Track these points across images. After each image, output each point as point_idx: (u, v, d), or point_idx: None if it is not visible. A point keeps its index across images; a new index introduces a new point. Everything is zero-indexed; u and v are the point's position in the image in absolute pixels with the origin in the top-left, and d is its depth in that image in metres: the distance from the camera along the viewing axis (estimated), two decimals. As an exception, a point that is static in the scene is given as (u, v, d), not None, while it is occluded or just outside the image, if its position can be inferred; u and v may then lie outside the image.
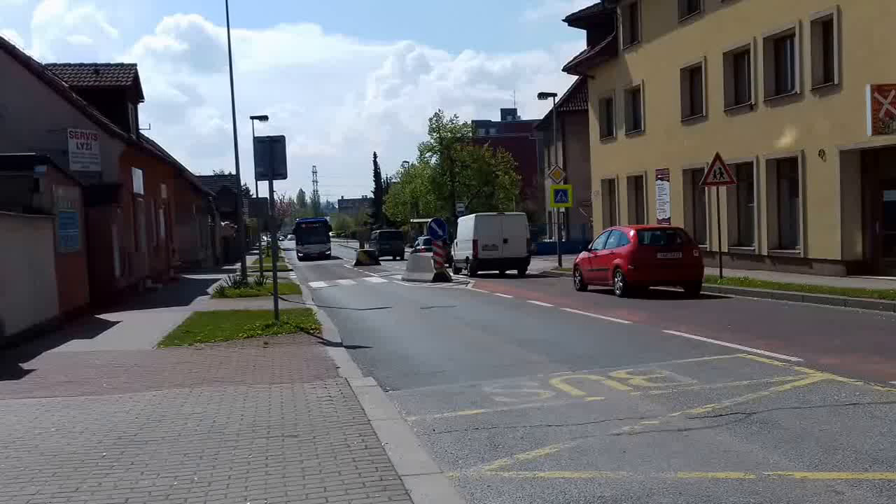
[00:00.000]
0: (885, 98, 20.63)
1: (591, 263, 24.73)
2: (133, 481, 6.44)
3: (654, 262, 22.21)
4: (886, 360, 11.00)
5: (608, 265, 23.23)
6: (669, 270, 22.29)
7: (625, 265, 22.28)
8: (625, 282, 22.27)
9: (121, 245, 25.01)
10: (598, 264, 24.05)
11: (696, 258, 22.42)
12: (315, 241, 71.60)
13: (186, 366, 12.14)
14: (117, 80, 31.08)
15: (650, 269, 22.12)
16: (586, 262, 25.14)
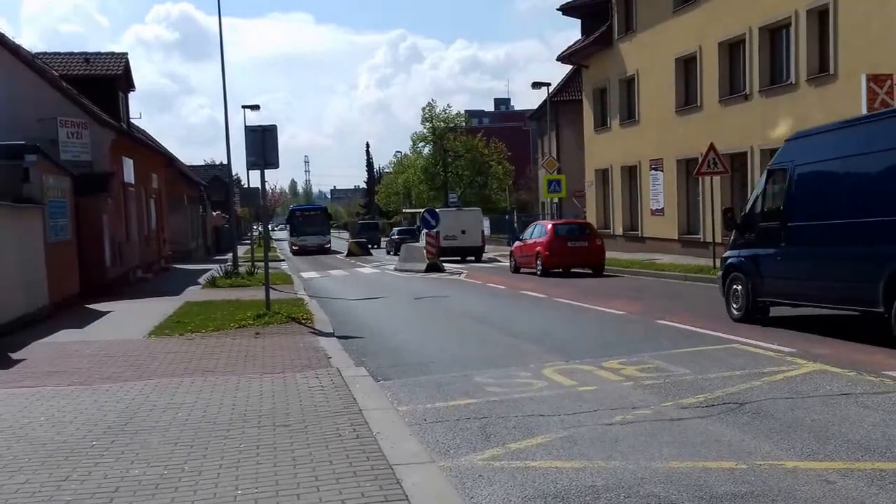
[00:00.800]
0: (881, 88, 20.59)
1: (521, 251, 30.11)
2: (123, 471, 6.40)
3: (565, 249, 27.52)
4: (879, 351, 11.00)
5: (532, 252, 28.52)
6: (578, 256, 27.69)
7: (543, 251, 27.59)
8: (543, 264, 27.54)
9: (111, 235, 24.93)
10: (526, 251, 29.38)
11: (599, 246, 28.05)
12: (313, 232, 61.65)
13: (177, 355, 12.10)
14: (108, 69, 30.97)
15: (562, 254, 27.43)
16: (518, 250, 30.59)
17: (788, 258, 13.41)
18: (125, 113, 32.24)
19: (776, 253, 13.68)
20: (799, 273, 13.20)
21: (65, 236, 20.44)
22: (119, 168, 27.47)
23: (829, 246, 12.50)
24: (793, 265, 13.33)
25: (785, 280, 13.60)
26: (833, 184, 12.51)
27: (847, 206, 12.08)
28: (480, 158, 75.45)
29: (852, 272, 11.94)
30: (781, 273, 13.62)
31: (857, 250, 11.83)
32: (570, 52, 42.11)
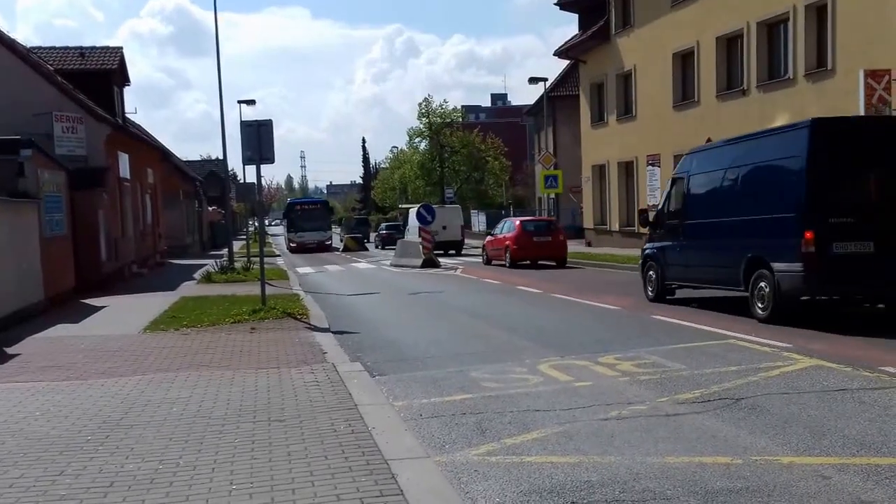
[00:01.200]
0: (879, 83, 20.60)
1: (492, 244, 32.88)
2: (118, 465, 6.39)
3: (531, 243, 30.08)
4: (875, 346, 11.02)
5: (502, 245, 31.22)
6: (543, 249, 30.32)
7: (511, 245, 30.32)
8: (511, 257, 30.29)
9: (107, 230, 24.89)
10: (496, 245, 32.09)
11: (561, 241, 30.59)
12: (312, 228, 57.13)
13: (172, 350, 12.08)
14: (103, 64, 30.88)
15: (528, 248, 30.08)
16: (490, 244, 33.39)
17: (685, 249, 16.54)
18: (120, 108, 32.17)
19: (677, 245, 16.83)
20: (692, 261, 16.29)
21: (60, 231, 20.40)
22: (114, 163, 27.41)
23: (711, 239, 15.61)
24: (688, 255, 16.44)
25: (683, 267, 16.65)
26: (714, 189, 15.68)
27: (723, 208, 15.20)
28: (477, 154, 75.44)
29: (725, 260, 14.94)
30: (681, 261, 16.69)
31: (728, 242, 14.89)
32: (567, 47, 42.04)
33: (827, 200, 12.97)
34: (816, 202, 12.96)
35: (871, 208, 13.14)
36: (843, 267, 12.94)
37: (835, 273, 12.97)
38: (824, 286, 13.26)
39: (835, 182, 13.07)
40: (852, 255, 12.93)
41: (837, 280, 13.09)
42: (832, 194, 13.02)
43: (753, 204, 14.14)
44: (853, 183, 13.27)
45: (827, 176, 13.00)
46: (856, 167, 13.25)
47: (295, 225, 58.22)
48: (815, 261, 12.85)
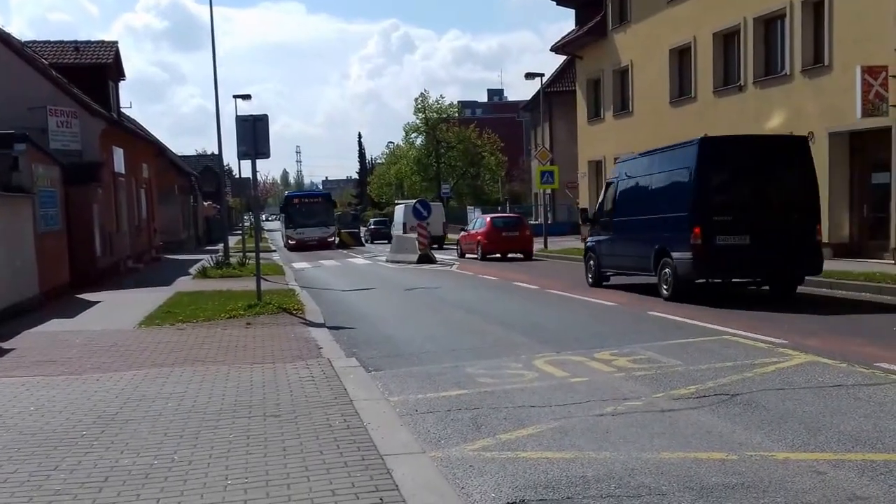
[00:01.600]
0: (876, 80, 20.63)
1: (465, 239, 35.82)
2: (113, 460, 6.38)
3: (500, 238, 33.32)
4: (871, 343, 11.02)
5: (475, 240, 34.39)
6: (511, 244, 33.42)
7: (483, 240, 33.50)
8: (482, 250, 33.47)
9: (102, 224, 24.87)
10: (469, 239, 35.23)
11: (528, 236, 33.71)
12: (314, 224, 52.19)
13: (168, 346, 12.07)
14: (98, 58, 30.82)
15: (498, 242, 33.35)
16: (463, 239, 36.32)
17: (614, 242, 19.53)
18: (115, 102, 32.10)
19: (609, 239, 19.82)
20: (619, 252, 19.34)
21: (55, 226, 20.36)
22: (109, 157, 27.37)
23: (632, 234, 18.49)
24: (616, 247, 19.47)
25: (613, 257, 19.73)
26: (634, 192, 18.74)
27: (640, 207, 18.21)
28: (473, 149, 75.46)
29: (641, 250, 17.86)
30: (611, 252, 19.76)
31: (644, 236, 17.77)
32: (563, 43, 42.00)
33: (712, 202, 15.99)
34: (703, 203, 15.94)
35: (747, 208, 16.01)
36: (725, 255, 15.90)
37: (718, 260, 15.97)
38: (710, 271, 16.41)
39: (718, 187, 16.28)
40: (732, 245, 15.88)
41: (720, 266, 16.22)
42: (716, 197, 16.10)
43: (660, 205, 17.23)
44: (733, 188, 16.39)
45: (712, 183, 16.18)
46: (735, 176, 16.40)
47: (294, 220, 52.71)
48: (702, 250, 15.82)
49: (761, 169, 16.27)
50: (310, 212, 53.10)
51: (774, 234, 15.93)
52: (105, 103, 28.93)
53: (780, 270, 16.47)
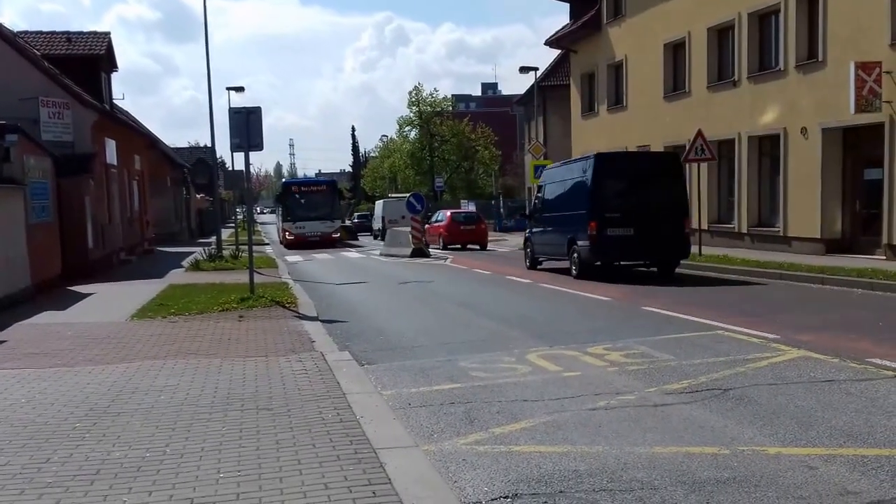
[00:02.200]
0: (869, 76, 20.68)
1: (429, 231, 38.11)
2: (105, 453, 6.37)
3: (459, 231, 38.13)
4: (863, 338, 11.05)
5: (437, 232, 38.72)
6: (468, 236, 38.54)
7: (444, 232, 38.28)
8: (443, 241, 37.98)
9: (94, 216, 24.78)
10: (433, 232, 38.76)
11: (483, 229, 39.17)
12: (316, 216, 45.28)
13: (160, 338, 12.04)
14: (90, 49, 30.65)
15: (457, 235, 38.10)
16: (428, 230, 37.96)
17: (543, 233, 24.19)
18: (108, 93, 31.95)
19: (539, 231, 24.54)
20: (546, 241, 23.89)
21: (46, 217, 20.30)
22: (101, 149, 27.26)
23: (554, 227, 23.08)
24: (544, 237, 24.07)
25: (543, 245, 24.28)
26: (554, 194, 23.46)
27: (558, 206, 22.94)
28: (467, 143, 75.42)
29: (559, 240, 22.38)
30: (541, 242, 24.37)
31: (561, 228, 22.27)
32: (558, 37, 41.96)
33: (604, 203, 20.41)
34: (597, 204, 20.39)
35: (632, 208, 20.33)
36: (614, 244, 20.27)
37: (609, 247, 20.40)
38: (604, 255, 20.67)
39: (609, 191, 20.68)
40: (619, 236, 20.23)
41: (611, 252, 20.59)
42: (607, 199, 20.52)
43: (570, 205, 21.83)
44: (620, 192, 20.70)
45: (604, 188, 20.62)
46: (622, 182, 20.87)
47: (292, 213, 45.59)
48: (597, 240, 20.23)
49: (643, 178, 20.79)
50: (311, 202, 45.79)
51: (652, 228, 20.20)
52: (97, 95, 28.80)
53: (656, 255, 20.96)
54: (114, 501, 5.34)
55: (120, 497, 5.40)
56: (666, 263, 21.02)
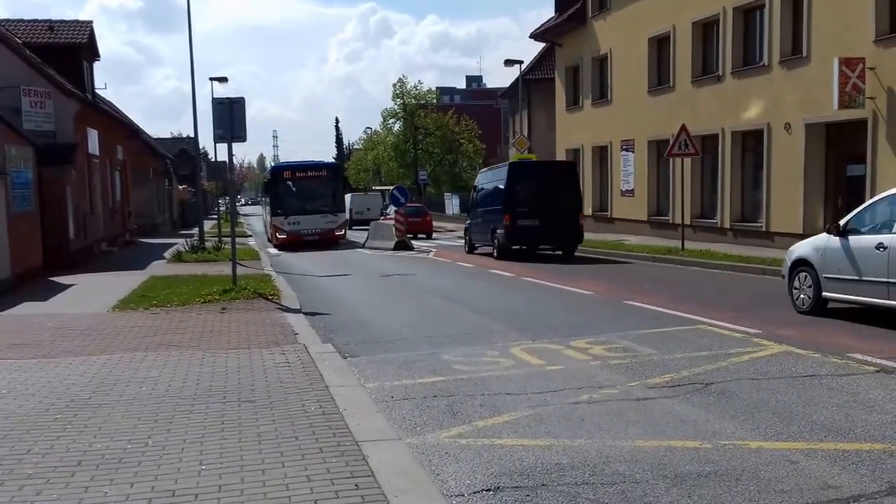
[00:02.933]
0: (853, 72, 20.76)
1: None
2: (86, 444, 6.35)
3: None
4: (844, 333, 11.12)
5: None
6: (416, 227, 41.28)
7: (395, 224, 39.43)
8: None
9: (75, 206, 24.65)
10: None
11: (428, 220, 43.78)
12: (314, 209, 36.23)
13: (142, 330, 12.00)
14: (72, 38, 30.42)
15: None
16: None
17: (475, 224, 29.35)
18: (90, 83, 31.74)
19: (474, 223, 29.61)
20: (477, 230, 28.97)
21: (28, 207, 20.17)
22: (83, 139, 27.11)
23: (483, 219, 28.17)
24: (476, 227, 29.16)
25: (476, 234, 29.24)
26: (483, 193, 29.01)
27: (485, 202, 28.16)
28: (451, 136, 75.32)
29: (485, 229, 27.61)
30: (475, 231, 29.40)
31: (487, 220, 27.53)
32: (543, 30, 41.95)
33: (515, 200, 25.65)
34: (510, 201, 25.63)
35: (537, 204, 25.49)
36: (523, 232, 25.67)
37: (520, 235, 25.84)
38: (515, 241, 25.92)
39: (519, 191, 25.90)
40: (527, 226, 25.51)
41: (520, 238, 25.99)
42: (518, 197, 25.77)
43: (493, 202, 27.09)
44: (529, 191, 25.83)
45: (516, 188, 25.95)
46: (530, 184, 26.08)
47: (284, 204, 36.21)
48: (510, 229, 25.58)
49: (546, 181, 26.17)
50: (308, 191, 36.87)
51: (553, 220, 25.44)
52: (79, 84, 28.62)
53: (557, 241, 26.42)
54: (95, 493, 5.32)
55: (102, 489, 5.39)
56: (565, 248, 26.40)
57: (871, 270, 11.68)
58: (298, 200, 36.21)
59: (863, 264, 11.89)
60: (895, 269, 11.29)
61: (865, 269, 11.83)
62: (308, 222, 35.72)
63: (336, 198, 37.81)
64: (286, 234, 35.55)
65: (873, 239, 11.76)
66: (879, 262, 11.52)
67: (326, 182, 37.73)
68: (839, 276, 12.35)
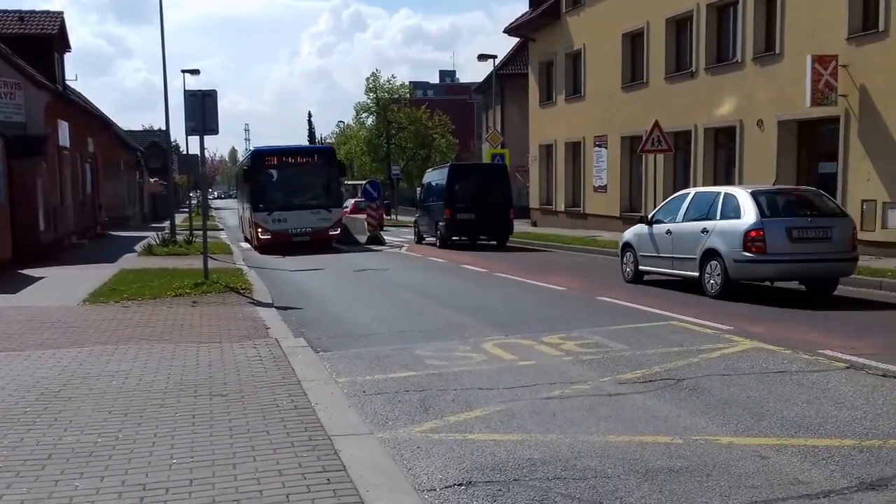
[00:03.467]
0: (826, 69, 20.90)
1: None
2: (56, 437, 6.30)
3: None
4: (814, 330, 11.21)
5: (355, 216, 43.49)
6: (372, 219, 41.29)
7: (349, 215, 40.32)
8: None
9: (45, 199, 24.41)
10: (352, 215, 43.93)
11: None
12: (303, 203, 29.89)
13: (112, 323, 11.91)
14: (43, 28, 30.11)
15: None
16: None
17: (422, 217, 32.91)
18: (61, 74, 31.46)
19: (421, 216, 33.23)
20: (424, 223, 32.54)
21: (-3, 199, 19.96)
22: (54, 131, 26.84)
23: (429, 213, 31.50)
24: (423, 220, 32.67)
25: (424, 226, 32.60)
26: (429, 190, 32.45)
27: (431, 198, 31.48)
28: (424, 131, 75.18)
29: (430, 223, 31.21)
30: (423, 224, 32.75)
31: (432, 214, 30.87)
32: (516, 25, 41.97)
33: (455, 197, 29.06)
34: (451, 197, 29.02)
35: (474, 200, 28.89)
36: (462, 224, 29.33)
37: (458, 227, 29.51)
38: (455, 232, 29.63)
39: (458, 189, 29.24)
40: (465, 219, 29.07)
41: (460, 230, 29.74)
42: (457, 194, 29.13)
43: (436, 198, 30.54)
44: (467, 190, 29.25)
45: (456, 186, 29.30)
46: (468, 183, 29.71)
47: (267, 197, 29.82)
48: (450, 221, 29.12)
49: (481, 180, 30.10)
50: (297, 181, 30.62)
51: (487, 214, 28.92)
52: (50, 75, 28.34)
53: (491, 233, 29.97)
54: (66, 486, 5.28)
55: (72, 482, 5.35)
56: (498, 238, 29.92)
57: (663, 249, 16.29)
58: (285, 192, 29.94)
59: (659, 245, 16.45)
60: (676, 248, 15.81)
61: (660, 249, 16.41)
62: (297, 219, 29.35)
63: (331, 189, 31.26)
64: (270, 234, 29.22)
65: (665, 227, 16.28)
66: (667, 243, 16.12)
67: (319, 170, 30.75)
68: (648, 255, 16.90)
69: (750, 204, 14.35)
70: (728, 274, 14.36)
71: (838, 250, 14.32)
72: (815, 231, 14.27)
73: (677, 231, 15.78)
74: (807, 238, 14.17)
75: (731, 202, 14.80)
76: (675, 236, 15.78)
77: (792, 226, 14.14)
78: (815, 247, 14.16)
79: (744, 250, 14.06)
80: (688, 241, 15.39)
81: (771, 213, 14.34)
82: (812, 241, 14.19)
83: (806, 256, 14.10)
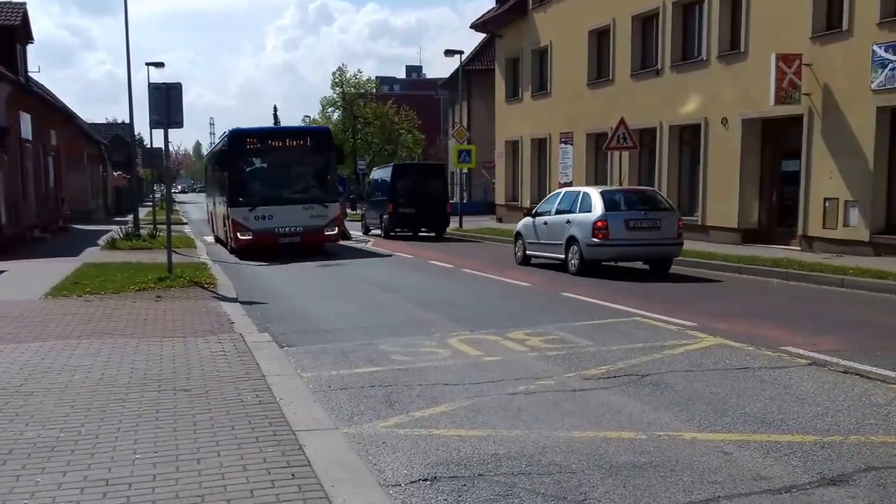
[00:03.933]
0: (790, 68, 21.12)
1: None
2: (17, 433, 6.24)
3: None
4: (777, 326, 11.31)
5: None
6: None
7: None
8: None
9: (7, 192, 24.14)
10: None
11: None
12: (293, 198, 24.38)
13: (75, 317, 11.79)
14: (5, 19, 29.70)
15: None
16: None
17: (369, 212, 36.60)
18: (23, 66, 31.06)
19: (368, 210, 36.97)
20: (370, 216, 36.10)
21: (-43, 191, 19.69)
22: (16, 123, 26.54)
23: (375, 207, 35.04)
24: (369, 214, 36.53)
25: (370, 219, 36.13)
26: (375, 186, 35.89)
27: (377, 194, 34.64)
28: (390, 126, 75.09)
29: (377, 215, 34.68)
30: (370, 217, 36.23)
31: (377, 208, 34.59)
32: (483, 21, 41.98)
33: (397, 193, 32.00)
34: (393, 193, 32.00)
35: (414, 196, 31.97)
36: (403, 218, 32.53)
37: (400, 220, 32.70)
38: (397, 225, 32.89)
39: (401, 186, 32.30)
40: (406, 213, 32.26)
41: (402, 223, 32.91)
42: (399, 190, 32.10)
43: (381, 193, 33.81)
44: (408, 186, 32.30)
45: (398, 183, 32.38)
46: (409, 181, 32.86)
47: (249, 189, 24.57)
48: (393, 215, 32.29)
49: (421, 178, 33.47)
50: (285, 169, 24.98)
51: (426, 209, 32.02)
52: (12, 67, 27.97)
53: (430, 226, 32.96)
54: (27, 481, 5.23)
55: (33, 478, 5.30)
56: (437, 230, 32.95)
57: (542, 237, 19.72)
58: (271, 183, 24.54)
59: (539, 233, 19.90)
60: (550, 235, 19.26)
61: (540, 236, 19.82)
62: (285, 216, 24.14)
63: (326, 179, 25.61)
64: (251, 235, 24.08)
65: (543, 219, 19.75)
66: (545, 232, 19.58)
67: (313, 156, 25.34)
68: (532, 241, 20.27)
69: (598, 200, 18.01)
70: (583, 256, 17.90)
71: (666, 237, 17.97)
72: (648, 222, 17.85)
73: (551, 222, 19.37)
74: (641, 227, 17.77)
75: (587, 199, 18.38)
76: (549, 226, 19.39)
77: (629, 218, 17.78)
78: (647, 234, 17.80)
79: (593, 237, 17.64)
80: (557, 230, 18.95)
81: (614, 208, 17.97)
82: (645, 230, 17.81)
83: (639, 242, 17.84)
